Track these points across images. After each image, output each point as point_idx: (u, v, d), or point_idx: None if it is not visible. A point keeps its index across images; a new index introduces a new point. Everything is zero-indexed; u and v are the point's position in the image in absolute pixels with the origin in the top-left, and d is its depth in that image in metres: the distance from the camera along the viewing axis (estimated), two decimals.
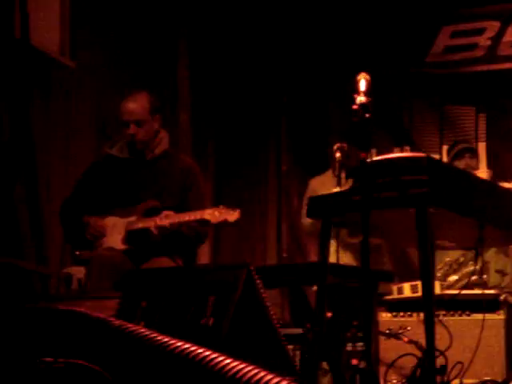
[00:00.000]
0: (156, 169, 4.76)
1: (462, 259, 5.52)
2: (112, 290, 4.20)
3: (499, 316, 4.94)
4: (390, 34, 7.20)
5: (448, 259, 5.57)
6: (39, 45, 5.50)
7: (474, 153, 6.07)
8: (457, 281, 5.28)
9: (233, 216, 4.36)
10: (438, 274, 5.48)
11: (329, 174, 5.85)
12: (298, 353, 4.90)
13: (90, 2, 5.95)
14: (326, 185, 5.43)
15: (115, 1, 6.18)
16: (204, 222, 4.58)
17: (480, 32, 7.08)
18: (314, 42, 7.37)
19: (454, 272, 5.49)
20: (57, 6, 5.78)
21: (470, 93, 7.11)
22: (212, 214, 4.37)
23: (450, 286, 5.39)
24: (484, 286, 5.11)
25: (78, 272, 4.61)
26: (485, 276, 5.21)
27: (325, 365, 4.41)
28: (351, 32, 7.27)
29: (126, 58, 6.24)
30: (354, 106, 3.31)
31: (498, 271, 5.33)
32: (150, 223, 4.52)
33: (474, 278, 5.09)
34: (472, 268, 5.24)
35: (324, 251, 3.58)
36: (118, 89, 5.96)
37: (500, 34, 7.00)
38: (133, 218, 4.62)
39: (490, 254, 5.46)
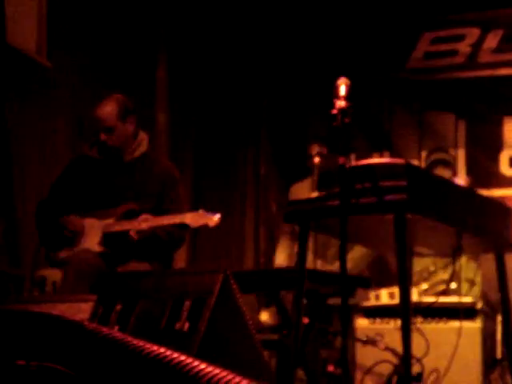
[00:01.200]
0: (134, 171, 4.73)
1: (432, 268, 5.52)
2: (88, 293, 4.16)
3: (476, 324, 4.95)
4: (370, 39, 7.20)
5: (418, 268, 5.56)
6: (16, 44, 5.44)
7: (446, 163, 6.04)
8: (427, 289, 5.28)
9: (213, 221, 4.34)
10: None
11: (310, 179, 5.84)
12: (273, 359, 4.89)
13: (67, 1, 5.90)
14: (307, 190, 5.41)
15: (94, 1, 6.12)
16: (182, 226, 4.55)
17: (460, 39, 7.09)
18: (295, 45, 7.36)
19: (425, 280, 5.48)
20: (34, 5, 5.73)
21: (449, 99, 7.12)
22: (192, 219, 4.35)
23: (421, 295, 5.38)
24: (455, 294, 5.12)
25: (53, 275, 4.56)
26: (455, 285, 5.20)
27: (301, 371, 4.39)
28: (332, 37, 7.27)
29: (103, 59, 6.19)
30: (334, 111, 3.30)
31: (467, 280, 5.32)
32: (128, 226, 4.48)
33: (443, 286, 5.09)
34: (442, 277, 5.23)
35: (302, 256, 3.57)
36: (95, 90, 5.92)
37: (480, 41, 7.02)
38: (110, 221, 4.58)
39: (461, 263, 5.46)
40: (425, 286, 5.32)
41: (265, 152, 7.52)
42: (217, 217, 4.34)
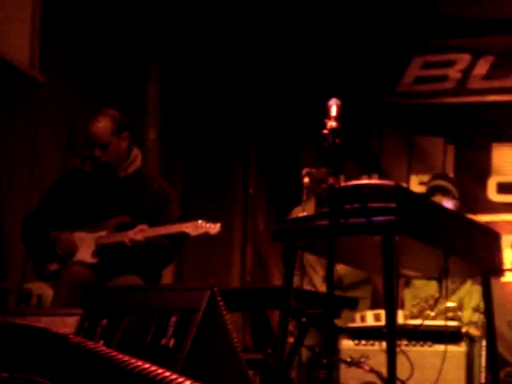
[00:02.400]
0: (127, 187, 4.72)
1: (437, 295, 5.49)
2: (78, 307, 4.14)
3: (460, 348, 4.94)
4: (361, 62, 7.23)
5: (424, 295, 5.55)
6: (8, 57, 5.44)
7: (445, 191, 6.03)
8: (433, 317, 5.22)
9: (214, 229, 4.34)
10: (414, 310, 5.45)
11: (311, 201, 5.84)
12: (257, 378, 4.87)
13: (60, 15, 5.91)
14: (308, 212, 5.39)
15: (86, 16, 6.14)
16: (176, 243, 4.55)
17: (451, 64, 7.13)
18: (286, 66, 7.38)
19: (430, 308, 5.46)
20: (27, 18, 5.73)
21: (439, 124, 7.15)
22: (191, 227, 4.35)
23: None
24: (459, 320, 5.10)
25: (38, 288, 4.55)
26: (460, 313, 5.19)
27: None
28: (323, 58, 7.29)
29: (95, 74, 6.20)
30: (325, 131, 3.31)
31: (475, 310, 5.30)
32: (123, 238, 4.47)
33: (449, 314, 5.06)
34: (448, 304, 5.19)
35: (289, 275, 3.56)
36: (85, 104, 5.93)
37: (470, 66, 7.06)
38: (103, 233, 4.57)
39: (466, 290, 5.45)
40: (431, 313, 5.26)
41: (254, 170, 7.53)
42: (218, 225, 4.34)
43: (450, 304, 5.16)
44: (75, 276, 4.38)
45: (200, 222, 4.38)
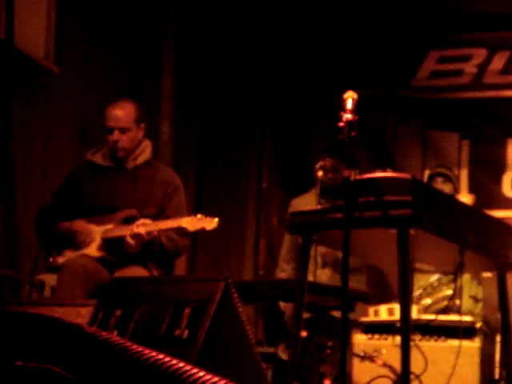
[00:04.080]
0: (137, 178, 4.72)
1: (436, 283, 5.50)
2: (84, 298, 4.15)
3: (474, 344, 4.93)
4: (377, 56, 7.20)
5: (423, 283, 5.55)
6: (23, 48, 5.44)
7: (447, 178, 6.01)
8: (430, 305, 5.25)
9: (211, 224, 4.33)
10: (413, 298, 5.45)
11: (311, 193, 5.83)
12: (269, 372, 4.86)
13: (75, 7, 5.91)
14: (308, 204, 5.40)
15: (101, 8, 6.14)
16: (184, 234, 4.54)
17: (467, 59, 7.10)
18: (302, 58, 7.37)
19: (428, 296, 5.47)
20: (43, 10, 5.73)
21: (454, 119, 7.12)
22: (189, 222, 4.34)
23: (424, 310, 5.37)
24: (458, 311, 5.09)
25: (51, 279, 4.55)
26: (458, 301, 5.19)
27: None
28: (338, 51, 7.28)
29: (109, 66, 6.20)
30: (341, 124, 3.29)
31: (471, 297, 5.30)
32: (127, 231, 4.47)
33: (446, 302, 5.07)
34: (446, 293, 5.21)
35: (303, 268, 3.55)
36: (100, 96, 5.92)
37: (487, 61, 7.02)
38: (109, 226, 4.57)
39: (465, 280, 5.44)
40: (428, 301, 5.29)
41: (267, 165, 7.52)
42: (215, 221, 4.33)
43: (448, 292, 5.17)
44: (77, 267, 4.38)
45: (198, 216, 4.37)
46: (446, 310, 4.99)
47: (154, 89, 6.61)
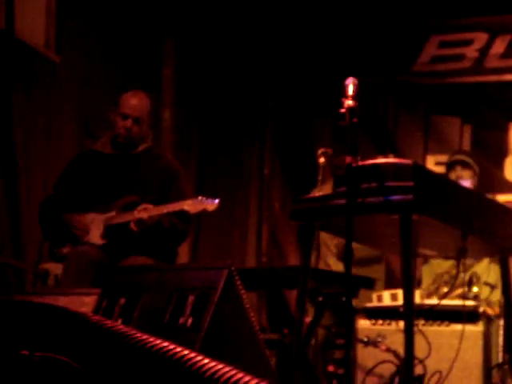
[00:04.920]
0: (138, 165, 4.74)
1: (454, 271, 5.48)
2: (89, 287, 4.16)
3: (478, 328, 4.93)
4: (377, 41, 7.20)
5: (440, 271, 5.55)
6: (24, 37, 5.45)
7: (465, 164, 6.01)
8: (447, 293, 5.22)
9: (212, 205, 4.34)
10: (431, 288, 5.46)
11: (329, 183, 5.83)
12: (273, 358, 4.88)
13: None
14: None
15: None
16: (186, 219, 4.55)
17: (468, 43, 7.09)
18: (302, 45, 7.37)
19: (445, 284, 5.46)
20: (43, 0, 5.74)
21: (455, 103, 7.12)
22: (191, 205, 4.35)
23: (441, 298, 5.34)
24: (476, 298, 5.10)
25: (55, 268, 4.57)
26: (476, 289, 5.18)
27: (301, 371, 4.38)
28: (339, 38, 7.27)
29: (110, 54, 6.20)
30: (342, 110, 3.29)
31: (487, 284, 5.29)
32: (129, 217, 4.48)
33: (461, 290, 5.06)
34: (464, 280, 5.19)
35: (306, 255, 3.56)
36: (101, 84, 5.93)
37: (488, 46, 7.01)
38: (112, 213, 4.59)
39: (482, 267, 5.43)
40: (445, 289, 5.28)
41: (269, 151, 7.52)
42: (215, 202, 4.33)
43: (465, 279, 5.16)
44: (82, 255, 4.40)
45: (199, 198, 4.38)
46: (462, 298, 4.97)
47: (155, 77, 6.61)
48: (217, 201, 4.34)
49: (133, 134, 4.68)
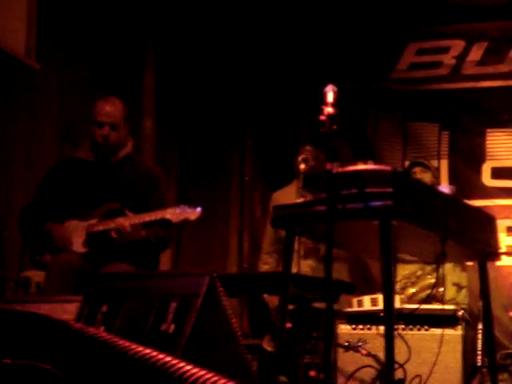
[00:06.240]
0: (119, 172, 4.74)
1: (419, 272, 5.55)
2: (71, 294, 4.16)
3: (457, 331, 4.98)
4: (356, 49, 7.24)
5: (406, 272, 5.60)
6: (4, 45, 5.44)
7: (424, 167, 6.06)
8: (414, 294, 5.31)
9: (194, 214, 4.34)
10: (397, 287, 5.51)
11: (292, 186, 5.86)
12: (255, 364, 4.89)
13: (56, 4, 5.90)
14: (289, 197, 5.42)
15: (83, 4, 6.13)
16: (168, 226, 4.56)
17: (445, 50, 7.15)
18: (281, 53, 7.39)
19: (412, 285, 5.52)
20: (23, 7, 5.72)
21: (433, 110, 7.17)
22: (173, 213, 4.35)
23: (408, 299, 5.42)
24: (441, 299, 5.14)
25: (37, 276, 4.56)
26: (442, 289, 5.24)
27: (282, 376, 4.40)
28: (317, 45, 7.30)
29: (91, 62, 6.20)
30: (322, 117, 3.32)
31: (454, 284, 5.35)
32: (111, 225, 4.49)
33: (429, 291, 5.11)
34: (430, 281, 5.26)
35: (287, 260, 3.59)
36: (82, 93, 5.92)
37: (465, 53, 7.08)
38: (93, 221, 4.59)
39: (448, 268, 5.49)
40: (412, 290, 5.34)
41: (250, 157, 7.54)
42: (197, 210, 4.34)
43: (432, 281, 5.22)
44: (64, 263, 4.40)
45: (181, 206, 4.38)
46: (428, 299, 5.03)
47: (137, 85, 6.62)
48: (199, 209, 4.35)
49: (111, 140, 4.68)
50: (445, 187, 4.61)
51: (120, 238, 4.46)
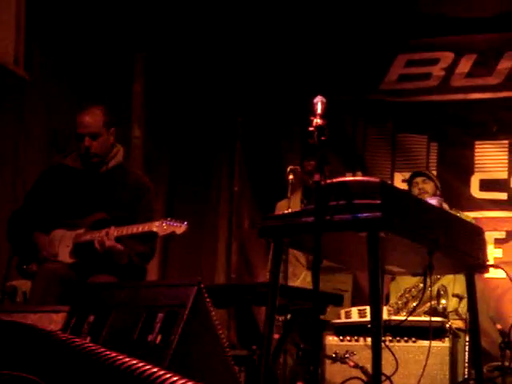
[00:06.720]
0: (108, 181, 4.73)
1: (421, 285, 5.53)
2: (57, 304, 4.14)
3: (444, 344, 4.97)
4: (345, 60, 7.26)
5: (407, 286, 5.59)
6: None
7: (427, 177, 6.09)
8: (415, 307, 5.26)
9: (180, 228, 4.33)
10: (400, 302, 5.50)
11: (296, 195, 5.87)
12: (242, 375, 4.88)
13: (45, 13, 5.90)
14: (293, 206, 5.42)
15: (71, 14, 6.13)
16: (153, 238, 4.54)
17: (434, 62, 7.18)
18: (270, 64, 7.40)
19: (413, 298, 5.50)
20: (12, 17, 5.72)
21: (422, 121, 7.19)
22: (159, 227, 4.34)
23: (410, 312, 5.38)
24: (443, 311, 5.14)
25: (23, 285, 4.54)
26: (444, 301, 5.23)
27: None
28: (307, 57, 7.32)
29: (80, 72, 6.20)
30: (311, 128, 3.32)
31: (454, 295, 5.34)
32: (98, 235, 4.47)
33: (429, 303, 5.11)
34: (432, 294, 5.23)
35: (275, 271, 3.58)
36: (70, 102, 5.92)
37: (454, 65, 7.11)
38: (81, 231, 4.57)
39: (448, 279, 5.48)
40: (414, 304, 5.32)
41: (238, 168, 7.54)
42: (184, 225, 4.33)
43: (433, 293, 5.20)
44: (50, 272, 4.38)
45: (168, 219, 4.37)
46: (430, 311, 5.01)
47: (125, 94, 6.62)
48: (185, 223, 4.34)
49: (93, 150, 4.67)
50: (432, 199, 4.62)
51: (101, 248, 4.44)
